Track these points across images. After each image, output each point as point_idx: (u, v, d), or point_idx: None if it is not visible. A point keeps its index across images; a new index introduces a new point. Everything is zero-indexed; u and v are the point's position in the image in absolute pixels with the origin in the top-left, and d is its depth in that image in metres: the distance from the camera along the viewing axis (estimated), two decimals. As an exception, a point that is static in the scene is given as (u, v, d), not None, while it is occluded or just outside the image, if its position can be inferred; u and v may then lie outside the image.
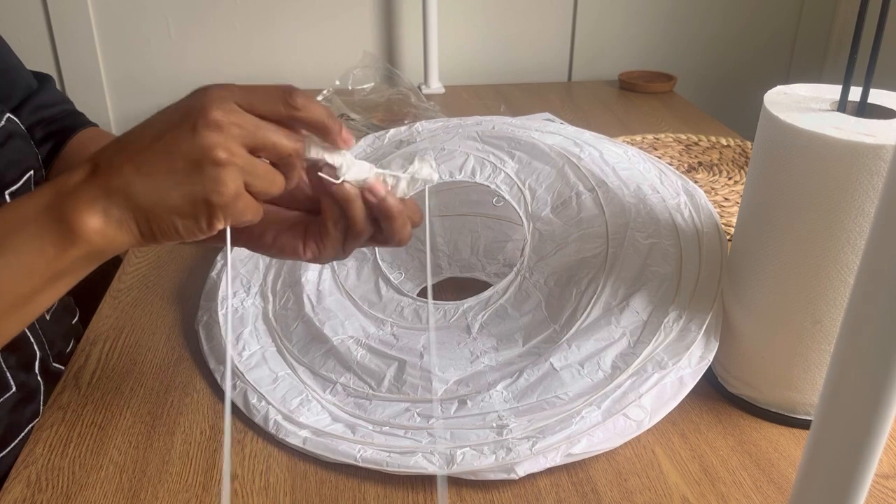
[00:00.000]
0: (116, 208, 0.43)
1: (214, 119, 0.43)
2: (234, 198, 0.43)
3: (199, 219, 0.44)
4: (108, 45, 1.46)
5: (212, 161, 0.43)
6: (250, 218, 0.45)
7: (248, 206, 0.45)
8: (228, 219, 0.44)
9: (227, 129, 0.43)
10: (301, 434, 0.58)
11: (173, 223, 0.44)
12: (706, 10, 1.61)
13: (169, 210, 0.44)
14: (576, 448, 0.54)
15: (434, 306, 0.68)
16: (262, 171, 0.45)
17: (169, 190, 0.43)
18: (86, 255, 0.44)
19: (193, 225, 0.44)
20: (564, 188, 0.71)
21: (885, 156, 0.50)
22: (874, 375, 0.32)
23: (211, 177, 0.43)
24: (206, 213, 0.44)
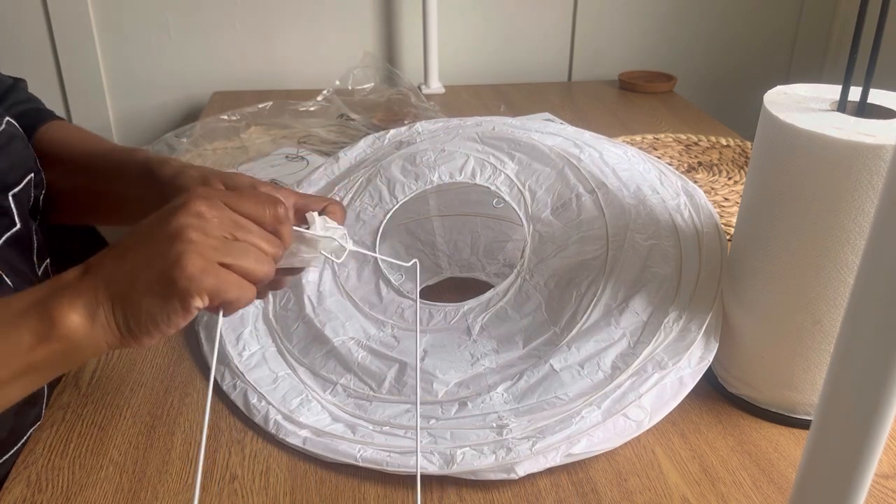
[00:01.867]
0: (99, 305, 0.44)
1: (195, 209, 0.44)
2: (202, 273, 0.43)
3: (169, 300, 0.43)
4: (108, 45, 1.46)
5: (180, 239, 0.43)
6: (234, 297, 0.45)
7: (226, 283, 0.44)
8: (204, 297, 0.43)
9: (207, 218, 0.44)
10: (301, 434, 0.58)
11: (147, 309, 0.43)
12: (706, 11, 1.61)
13: (140, 293, 0.43)
14: (576, 448, 0.54)
15: (434, 308, 0.68)
16: (244, 250, 0.45)
17: (140, 272, 0.44)
18: (62, 351, 0.44)
19: (166, 307, 0.43)
20: (564, 190, 0.71)
21: (885, 156, 0.50)
22: (874, 375, 0.32)
23: (176, 252, 0.43)
24: (175, 293, 0.43)
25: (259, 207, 0.47)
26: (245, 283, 0.45)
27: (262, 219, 0.47)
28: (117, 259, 0.45)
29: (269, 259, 0.47)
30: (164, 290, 0.43)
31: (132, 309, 0.44)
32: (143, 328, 0.44)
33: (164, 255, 0.43)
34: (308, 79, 1.51)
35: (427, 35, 1.47)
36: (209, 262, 0.43)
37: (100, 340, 0.44)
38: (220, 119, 1.19)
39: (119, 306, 0.44)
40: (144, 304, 0.44)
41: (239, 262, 0.45)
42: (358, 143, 0.84)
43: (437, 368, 0.62)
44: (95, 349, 0.45)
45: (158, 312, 0.44)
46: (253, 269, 0.45)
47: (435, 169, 0.74)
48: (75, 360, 0.45)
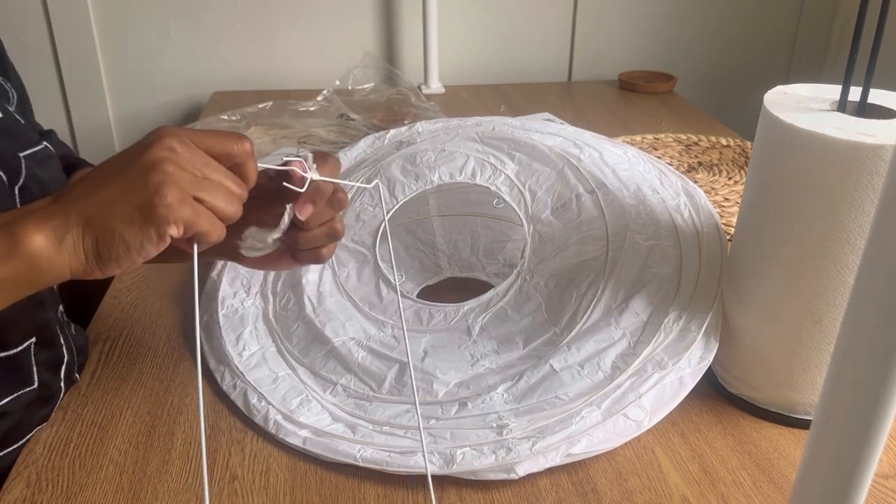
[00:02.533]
0: (67, 230, 0.44)
1: (168, 144, 0.45)
2: (179, 203, 0.44)
3: (145, 226, 0.44)
4: (108, 45, 1.46)
5: (157, 170, 0.44)
6: (206, 229, 0.46)
7: (200, 216, 0.45)
8: (179, 226, 0.45)
9: (179, 153, 0.45)
10: (301, 434, 0.58)
11: (121, 235, 0.44)
12: (706, 11, 1.61)
13: (116, 219, 0.44)
14: (576, 448, 0.54)
15: (434, 308, 0.68)
16: (215, 188, 0.46)
17: (116, 201, 0.44)
18: (24, 271, 0.44)
19: (140, 233, 0.44)
20: (564, 190, 0.71)
21: (885, 156, 0.50)
22: (874, 375, 0.32)
23: (155, 182, 0.44)
24: (153, 220, 0.44)
25: (224, 143, 0.48)
26: (216, 218, 0.46)
27: (229, 153, 0.48)
28: (92, 188, 0.46)
29: (237, 199, 0.48)
30: (142, 217, 0.44)
31: (105, 235, 0.45)
32: (114, 255, 0.45)
33: (142, 184, 0.44)
34: (308, 79, 1.51)
35: (427, 35, 1.47)
36: (185, 194, 0.45)
37: (63, 265, 0.45)
38: (220, 119, 1.19)
39: (91, 232, 0.45)
40: (119, 231, 0.44)
41: (211, 198, 0.46)
42: (358, 143, 0.84)
43: (437, 369, 0.62)
44: (58, 274, 0.45)
45: (132, 238, 0.45)
46: (223, 207, 0.46)
47: (435, 169, 0.74)
48: (37, 282, 0.46)
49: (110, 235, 0.45)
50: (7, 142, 0.60)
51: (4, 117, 0.60)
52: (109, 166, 0.47)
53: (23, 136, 0.63)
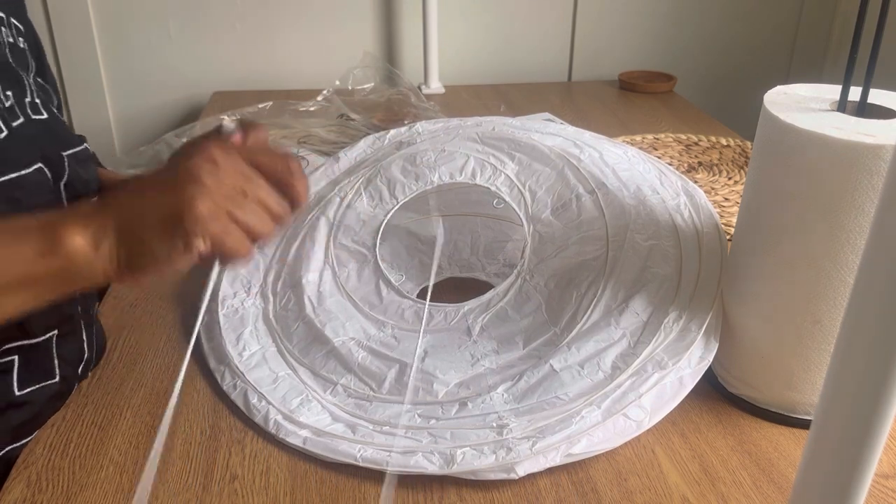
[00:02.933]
0: (104, 235, 0.45)
1: (211, 155, 0.45)
2: (210, 217, 0.44)
3: (173, 236, 0.44)
4: (108, 45, 1.46)
5: (194, 181, 0.44)
6: (233, 247, 0.46)
7: (229, 233, 0.45)
8: (207, 241, 0.45)
9: (222, 166, 0.45)
10: (301, 434, 0.58)
11: (150, 245, 0.45)
12: (706, 11, 1.61)
13: (147, 229, 0.45)
14: (576, 448, 0.54)
15: (435, 308, 0.68)
16: (251, 205, 0.46)
17: (150, 210, 0.45)
18: (62, 269, 0.45)
19: (168, 244, 0.45)
20: (564, 190, 0.71)
21: (885, 156, 0.50)
22: (874, 375, 0.32)
23: (189, 193, 0.44)
24: (181, 232, 0.44)
25: (273, 160, 0.48)
26: (245, 237, 0.46)
27: (275, 171, 0.48)
28: (131, 196, 0.47)
29: (274, 218, 0.48)
30: (171, 227, 0.44)
31: (136, 243, 0.45)
32: (142, 263, 0.46)
33: (176, 194, 0.45)
34: (308, 79, 1.51)
35: (427, 35, 1.47)
36: (218, 209, 0.45)
37: (98, 269, 0.45)
38: (220, 119, 1.19)
39: (124, 239, 0.45)
40: (148, 241, 0.45)
41: (245, 217, 0.46)
42: (358, 143, 0.84)
43: (438, 369, 0.62)
44: (93, 276, 0.46)
45: (159, 248, 0.45)
46: (256, 227, 0.47)
47: (435, 169, 0.74)
48: (72, 283, 0.47)
49: (140, 245, 0.45)
50: (52, 141, 0.61)
51: (49, 118, 0.62)
52: (153, 175, 0.47)
53: (66, 137, 0.64)
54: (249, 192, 0.46)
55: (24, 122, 0.58)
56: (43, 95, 0.64)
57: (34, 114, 0.60)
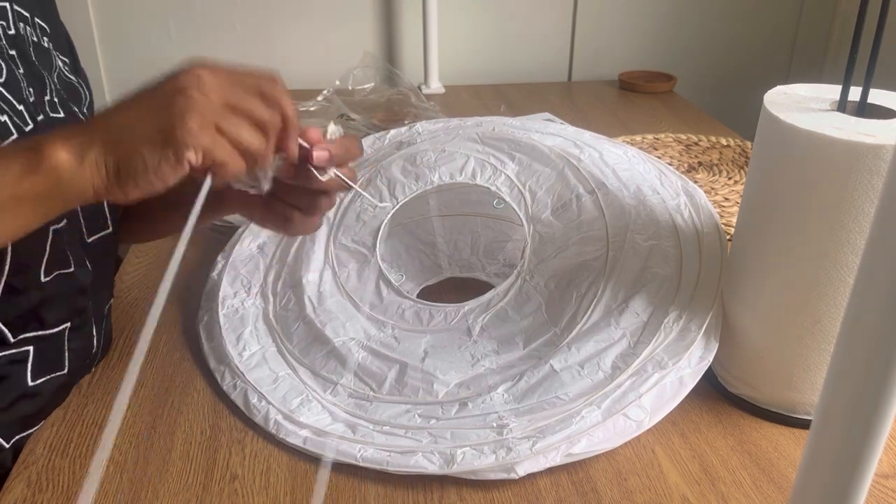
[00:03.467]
0: (90, 146, 0.45)
1: (197, 72, 0.46)
2: (200, 129, 0.45)
3: (164, 148, 0.44)
4: (108, 45, 1.46)
5: (183, 95, 0.45)
6: (224, 159, 0.46)
7: (219, 145, 0.45)
8: (199, 153, 0.45)
9: (206, 81, 0.46)
10: (301, 434, 0.58)
11: (141, 154, 0.45)
12: (706, 11, 1.61)
13: (137, 139, 0.45)
14: (576, 448, 0.54)
15: (434, 308, 0.68)
16: (239, 120, 0.46)
17: (140, 121, 0.45)
18: (48, 186, 0.45)
19: (160, 154, 0.45)
20: (564, 190, 0.71)
21: (885, 156, 0.50)
22: (874, 375, 0.32)
23: (179, 107, 0.44)
24: (172, 143, 0.44)
25: (258, 78, 0.49)
26: (235, 151, 0.47)
27: (261, 89, 0.49)
28: (117, 111, 0.47)
29: (263, 133, 0.48)
30: (162, 139, 0.44)
31: (126, 154, 0.45)
32: (132, 174, 0.45)
33: (166, 108, 0.45)
34: (308, 79, 1.51)
35: (427, 35, 1.47)
36: (207, 122, 0.45)
37: (86, 181, 0.45)
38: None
39: (112, 150, 0.45)
40: (139, 150, 0.45)
41: (233, 129, 0.46)
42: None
43: (438, 369, 0.62)
44: (82, 191, 0.46)
45: (150, 158, 0.45)
46: (247, 140, 0.47)
47: (435, 169, 0.74)
48: (61, 199, 0.46)
49: (130, 153, 0.45)
50: None
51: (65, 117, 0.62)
52: (136, 93, 0.47)
53: None
54: (239, 106, 0.47)
55: (44, 119, 0.59)
56: (65, 94, 0.64)
57: (52, 112, 0.60)
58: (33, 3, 0.64)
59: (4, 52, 0.57)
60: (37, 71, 0.60)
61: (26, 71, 0.59)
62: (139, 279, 0.81)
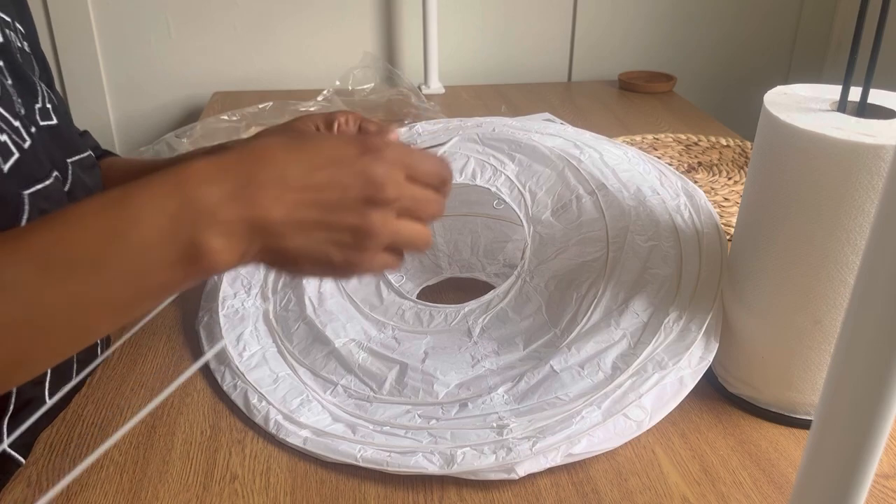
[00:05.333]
0: (255, 246, 0.39)
1: (385, 197, 0.40)
2: (371, 260, 0.42)
3: (329, 269, 0.42)
4: (108, 45, 1.46)
5: (376, 190, 0.40)
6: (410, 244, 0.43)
7: (380, 264, 0.43)
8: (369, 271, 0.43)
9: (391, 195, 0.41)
10: (301, 434, 0.58)
11: (309, 270, 0.42)
12: (706, 11, 1.61)
13: (314, 262, 0.41)
14: (576, 448, 0.54)
15: (435, 309, 0.68)
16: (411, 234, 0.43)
17: (321, 246, 0.40)
18: (201, 276, 0.40)
19: (328, 273, 0.42)
20: (565, 191, 0.71)
21: (886, 156, 0.50)
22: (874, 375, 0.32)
23: (373, 208, 0.40)
24: (359, 246, 0.41)
25: (432, 176, 0.43)
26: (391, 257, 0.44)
27: (432, 186, 0.44)
28: (287, 207, 0.39)
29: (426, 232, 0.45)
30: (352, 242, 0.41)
31: (292, 266, 0.41)
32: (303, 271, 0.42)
33: (356, 207, 0.40)
34: (308, 79, 1.51)
35: (427, 35, 1.47)
36: (378, 248, 0.42)
37: (240, 267, 0.42)
38: (220, 119, 1.19)
39: (277, 260, 0.41)
40: (309, 269, 0.41)
41: (405, 245, 0.43)
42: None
43: (438, 370, 0.62)
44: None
45: (316, 273, 0.42)
46: (410, 246, 0.43)
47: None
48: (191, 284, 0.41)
49: (299, 268, 0.41)
50: (58, 147, 0.60)
51: (58, 123, 0.61)
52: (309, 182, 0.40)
53: (71, 143, 0.63)
54: (413, 213, 0.42)
55: (36, 130, 0.57)
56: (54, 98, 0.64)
57: (43, 119, 0.59)
58: (9, 5, 0.62)
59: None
60: (26, 78, 0.59)
61: (15, 82, 0.57)
62: (139, 279, 0.81)
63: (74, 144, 0.64)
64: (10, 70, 0.58)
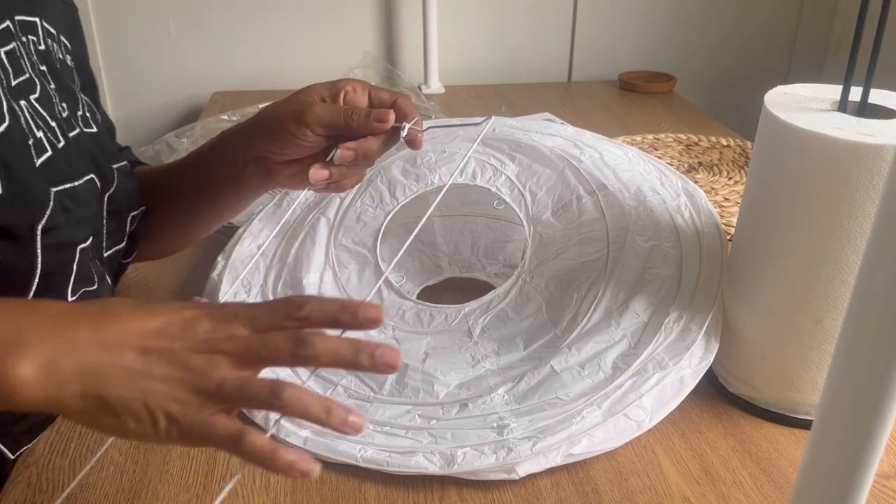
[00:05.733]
0: (73, 387, 0.37)
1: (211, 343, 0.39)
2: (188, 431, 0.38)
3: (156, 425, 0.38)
4: (108, 45, 1.46)
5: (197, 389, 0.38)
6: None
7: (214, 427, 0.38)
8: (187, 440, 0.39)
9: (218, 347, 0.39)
10: (302, 434, 0.58)
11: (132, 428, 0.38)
12: (706, 10, 1.61)
13: (135, 417, 0.38)
14: (576, 448, 0.54)
15: (435, 310, 0.68)
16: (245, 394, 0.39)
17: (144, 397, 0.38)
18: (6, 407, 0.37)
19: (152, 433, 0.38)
20: (565, 191, 0.71)
21: (886, 156, 0.50)
22: (874, 375, 0.32)
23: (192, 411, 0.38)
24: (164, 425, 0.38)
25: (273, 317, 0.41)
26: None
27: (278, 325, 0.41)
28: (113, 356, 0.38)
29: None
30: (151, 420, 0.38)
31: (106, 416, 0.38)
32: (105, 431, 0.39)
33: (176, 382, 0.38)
34: (308, 79, 1.49)
35: (427, 35, 1.47)
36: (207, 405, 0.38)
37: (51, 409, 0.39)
38: (220, 119, 1.19)
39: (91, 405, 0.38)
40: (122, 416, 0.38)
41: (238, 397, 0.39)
42: (358, 143, 0.84)
43: (438, 370, 0.62)
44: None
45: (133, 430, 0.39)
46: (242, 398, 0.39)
47: (435, 170, 0.74)
48: None
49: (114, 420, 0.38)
50: (102, 153, 0.61)
51: (98, 132, 0.62)
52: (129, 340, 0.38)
53: (113, 152, 0.65)
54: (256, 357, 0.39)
55: (79, 133, 0.58)
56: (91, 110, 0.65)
57: (85, 127, 0.60)
58: (59, 19, 0.63)
59: (36, 68, 0.56)
60: (67, 86, 0.60)
61: (58, 86, 0.58)
62: (139, 279, 0.81)
63: (115, 153, 0.65)
64: (53, 75, 0.59)
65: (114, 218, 0.63)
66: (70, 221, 0.54)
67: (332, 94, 0.62)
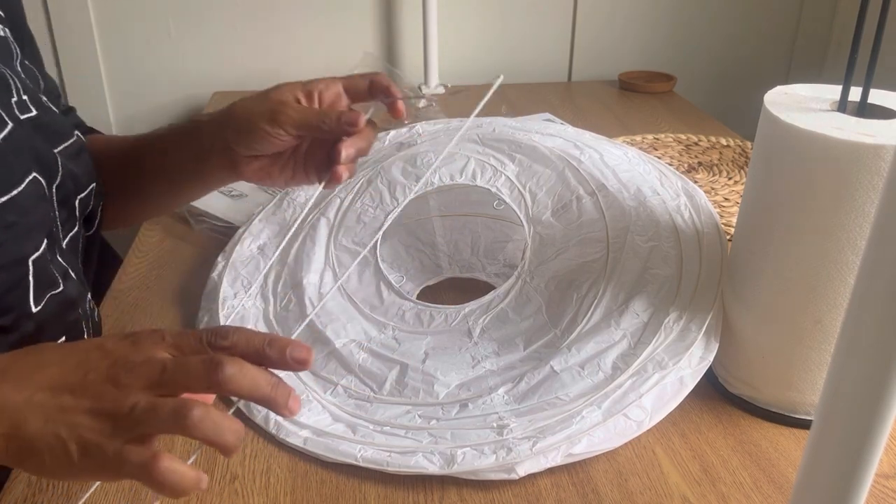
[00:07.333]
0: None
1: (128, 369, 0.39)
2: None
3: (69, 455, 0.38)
4: (108, 45, 1.46)
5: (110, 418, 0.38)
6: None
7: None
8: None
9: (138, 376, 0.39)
10: (301, 434, 0.58)
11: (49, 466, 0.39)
12: (706, 10, 1.61)
13: (52, 452, 0.38)
14: (576, 448, 0.54)
15: (435, 310, 0.68)
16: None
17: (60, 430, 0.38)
18: None
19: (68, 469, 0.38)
20: (565, 192, 0.71)
21: (886, 156, 0.50)
22: (874, 375, 0.32)
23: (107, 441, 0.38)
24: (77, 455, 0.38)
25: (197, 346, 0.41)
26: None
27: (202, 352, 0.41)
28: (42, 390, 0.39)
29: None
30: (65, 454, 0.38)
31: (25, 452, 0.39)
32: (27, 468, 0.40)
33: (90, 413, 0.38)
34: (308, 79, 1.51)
35: (427, 35, 1.47)
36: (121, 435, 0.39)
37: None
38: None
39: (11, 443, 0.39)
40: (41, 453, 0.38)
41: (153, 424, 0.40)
42: (358, 143, 0.83)
43: (438, 370, 0.62)
44: None
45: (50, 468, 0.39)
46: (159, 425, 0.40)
47: (435, 170, 0.74)
48: None
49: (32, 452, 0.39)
50: (43, 139, 0.58)
51: (38, 113, 0.58)
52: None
53: (57, 131, 0.61)
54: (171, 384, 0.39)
55: (13, 128, 0.54)
56: (30, 86, 0.60)
57: (22, 113, 0.56)
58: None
59: None
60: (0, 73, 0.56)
61: None
62: (139, 279, 0.81)
63: (60, 131, 0.61)
64: None
65: (64, 206, 0.60)
66: (17, 235, 0.51)
67: (306, 94, 0.62)
